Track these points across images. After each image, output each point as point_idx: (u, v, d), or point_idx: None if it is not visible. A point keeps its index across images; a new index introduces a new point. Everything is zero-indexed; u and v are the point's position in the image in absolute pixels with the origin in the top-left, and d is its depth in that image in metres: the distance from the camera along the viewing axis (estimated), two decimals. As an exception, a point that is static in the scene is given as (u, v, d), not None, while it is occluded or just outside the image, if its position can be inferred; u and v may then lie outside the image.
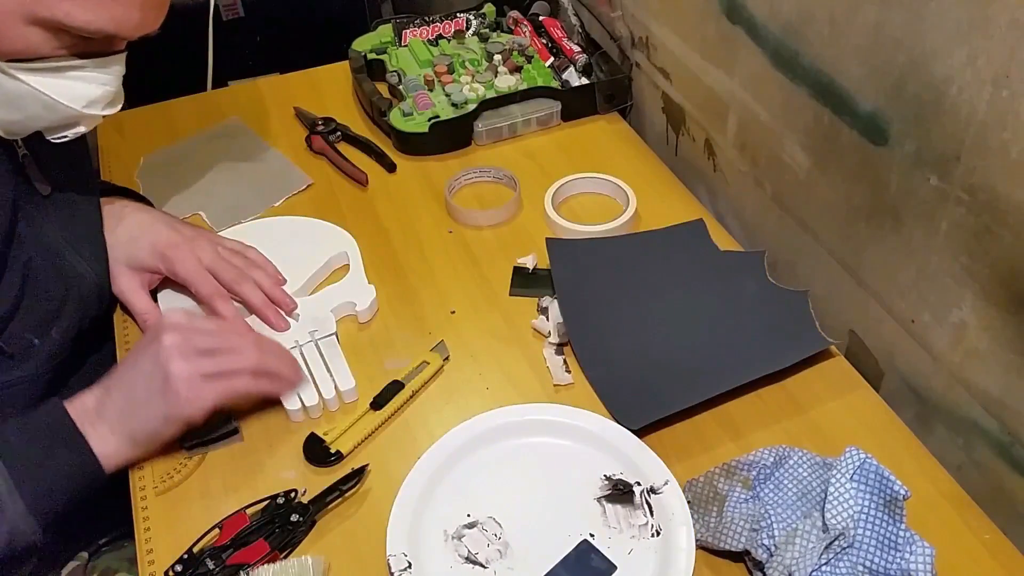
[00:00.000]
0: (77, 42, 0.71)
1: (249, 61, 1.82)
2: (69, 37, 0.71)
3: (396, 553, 0.68)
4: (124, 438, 0.73)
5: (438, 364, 0.85)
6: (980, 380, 0.73)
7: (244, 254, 0.92)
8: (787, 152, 0.90)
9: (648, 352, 0.85)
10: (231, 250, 0.91)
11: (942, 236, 0.73)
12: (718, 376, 0.81)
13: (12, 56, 0.70)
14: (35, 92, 0.71)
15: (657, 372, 0.83)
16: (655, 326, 0.87)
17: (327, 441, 0.78)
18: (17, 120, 0.74)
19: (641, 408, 0.78)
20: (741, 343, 0.85)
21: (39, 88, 0.71)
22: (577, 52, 1.18)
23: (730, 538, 0.68)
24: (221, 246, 0.91)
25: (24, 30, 0.69)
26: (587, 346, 0.85)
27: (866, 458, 0.69)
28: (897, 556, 0.65)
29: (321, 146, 1.13)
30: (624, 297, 0.90)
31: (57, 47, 0.71)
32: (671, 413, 0.78)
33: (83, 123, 0.77)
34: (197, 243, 0.89)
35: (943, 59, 0.67)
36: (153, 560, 0.71)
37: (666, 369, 0.83)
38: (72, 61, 0.72)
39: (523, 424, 0.77)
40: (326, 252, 0.96)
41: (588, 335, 0.86)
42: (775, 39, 0.86)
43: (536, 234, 0.99)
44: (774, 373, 0.82)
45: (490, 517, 0.72)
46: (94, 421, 0.73)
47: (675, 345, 0.85)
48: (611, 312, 0.88)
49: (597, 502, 0.72)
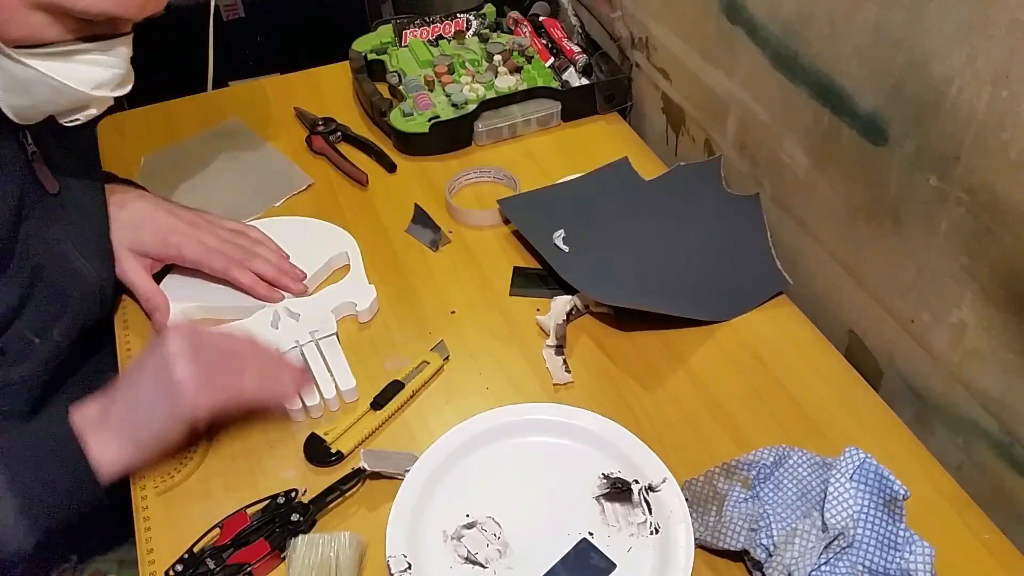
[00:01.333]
0: (82, 25, 0.72)
1: (249, 61, 1.82)
2: (73, 21, 0.71)
3: (396, 554, 0.68)
4: (128, 443, 0.73)
5: (438, 364, 0.85)
6: (980, 380, 0.73)
7: (246, 233, 0.95)
8: (787, 152, 0.90)
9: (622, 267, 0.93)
10: (232, 231, 0.94)
11: (942, 236, 0.73)
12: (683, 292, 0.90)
13: (18, 42, 0.70)
14: (43, 77, 0.72)
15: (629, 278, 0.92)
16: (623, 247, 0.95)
17: (327, 441, 0.78)
18: (28, 105, 0.74)
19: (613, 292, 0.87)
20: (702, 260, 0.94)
21: (46, 72, 0.72)
22: (577, 52, 1.18)
23: (729, 537, 0.68)
24: (222, 228, 0.93)
25: (28, 15, 0.69)
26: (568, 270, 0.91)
27: (866, 458, 0.69)
28: (897, 556, 0.65)
29: (321, 146, 1.13)
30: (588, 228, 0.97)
31: (62, 31, 0.71)
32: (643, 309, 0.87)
33: (94, 105, 0.77)
34: (200, 227, 0.91)
35: (943, 59, 0.67)
36: (153, 560, 0.71)
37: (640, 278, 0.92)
38: (78, 45, 0.72)
39: (521, 424, 0.77)
40: (326, 252, 0.96)
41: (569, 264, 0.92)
42: (775, 39, 0.86)
43: (536, 234, 0.99)
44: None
45: (489, 517, 0.72)
46: (97, 428, 0.72)
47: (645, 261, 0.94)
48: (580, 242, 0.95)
49: (596, 501, 0.72)
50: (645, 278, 0.92)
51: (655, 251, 0.95)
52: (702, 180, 1.02)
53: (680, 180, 1.03)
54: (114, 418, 0.73)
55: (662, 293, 0.90)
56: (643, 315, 0.87)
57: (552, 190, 1.03)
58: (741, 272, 0.93)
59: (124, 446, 0.72)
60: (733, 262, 0.94)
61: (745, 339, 0.87)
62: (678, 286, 0.91)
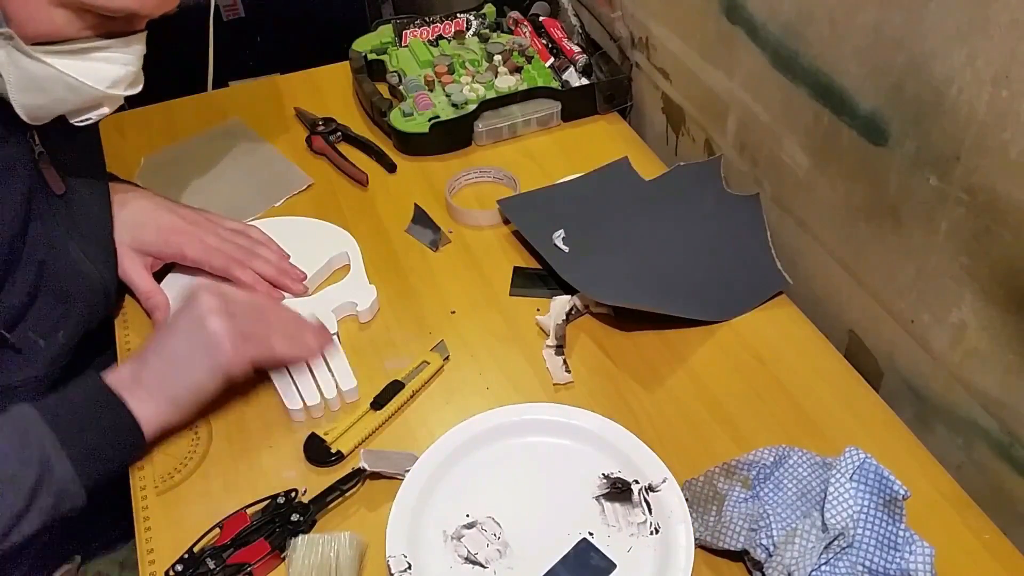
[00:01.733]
0: (100, 22, 0.73)
1: (249, 61, 1.82)
2: (93, 17, 0.72)
3: (396, 554, 0.68)
4: (164, 400, 0.75)
5: (438, 364, 0.85)
6: (980, 380, 0.73)
7: (246, 233, 0.95)
8: (787, 152, 0.90)
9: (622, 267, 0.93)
10: (233, 230, 0.94)
11: (942, 236, 0.73)
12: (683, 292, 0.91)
13: (38, 39, 0.71)
14: (60, 75, 0.73)
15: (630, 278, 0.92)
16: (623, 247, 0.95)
17: (327, 441, 0.78)
18: (42, 104, 0.75)
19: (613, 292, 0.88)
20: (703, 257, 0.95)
21: (64, 70, 0.73)
22: (577, 52, 1.18)
23: (729, 537, 0.68)
24: (222, 227, 0.93)
25: (50, 12, 0.70)
26: (568, 270, 0.91)
27: (866, 458, 0.69)
28: (897, 556, 0.65)
29: (321, 146, 1.13)
30: (588, 228, 0.97)
31: (81, 28, 0.72)
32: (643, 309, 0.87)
33: (106, 104, 0.78)
34: (201, 226, 0.92)
35: (943, 59, 0.67)
36: (153, 560, 0.71)
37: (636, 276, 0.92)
38: (96, 42, 0.73)
39: (522, 424, 0.77)
40: (327, 252, 0.96)
41: (568, 264, 0.92)
42: (775, 39, 0.86)
43: (536, 234, 0.99)
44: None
45: (489, 517, 0.72)
46: (131, 388, 0.74)
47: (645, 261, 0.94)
48: (580, 242, 0.95)
49: (596, 501, 0.72)
50: (645, 278, 0.92)
51: (655, 251, 0.95)
52: (702, 180, 1.02)
53: (680, 180, 1.03)
54: (149, 378, 0.75)
55: (662, 293, 0.90)
56: (643, 315, 0.87)
57: (552, 190, 1.03)
58: (741, 272, 0.93)
59: (161, 403, 0.75)
60: (733, 262, 0.94)
61: (745, 339, 0.87)
62: (678, 286, 0.91)
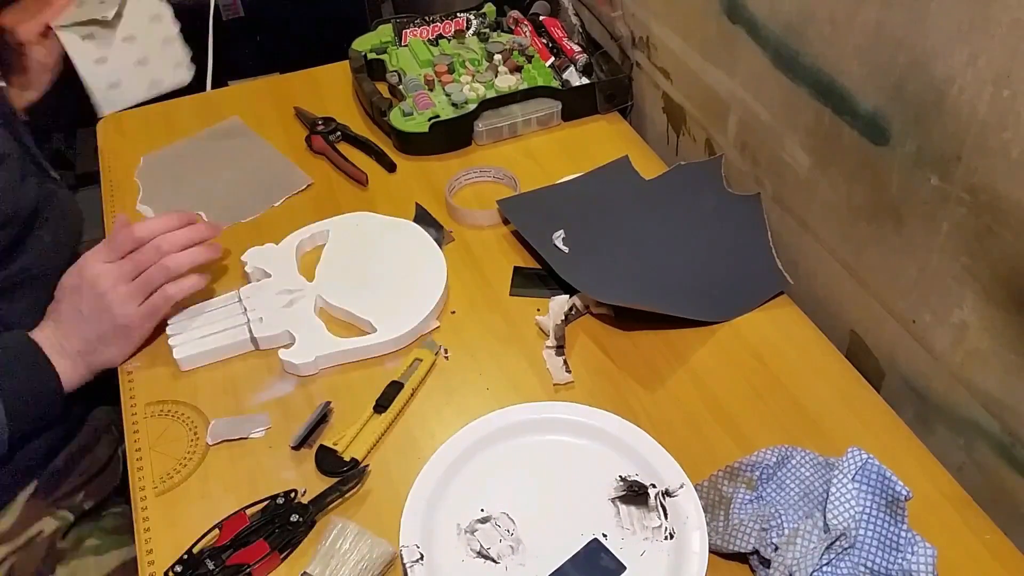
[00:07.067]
0: None
1: (249, 61, 1.82)
2: None
3: (409, 544, 0.68)
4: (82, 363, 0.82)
5: (431, 359, 0.85)
6: (981, 380, 0.73)
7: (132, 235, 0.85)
8: (788, 152, 0.90)
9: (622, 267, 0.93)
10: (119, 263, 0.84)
11: (943, 236, 0.72)
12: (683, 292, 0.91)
13: None
14: None
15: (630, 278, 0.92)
16: (624, 246, 0.95)
17: (339, 450, 0.77)
18: None
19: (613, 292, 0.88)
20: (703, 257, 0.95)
21: None
22: (577, 52, 1.18)
23: (740, 540, 0.67)
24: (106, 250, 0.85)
25: None
26: (568, 270, 0.91)
27: (868, 458, 0.68)
28: (899, 557, 0.65)
29: (321, 146, 1.12)
30: (588, 228, 0.97)
31: None
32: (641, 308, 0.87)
33: None
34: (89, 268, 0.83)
35: (944, 59, 0.67)
36: (153, 560, 0.71)
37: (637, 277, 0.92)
38: None
39: (540, 422, 0.77)
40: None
41: (568, 265, 0.92)
42: (776, 39, 0.86)
43: (536, 234, 0.99)
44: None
45: (503, 513, 0.72)
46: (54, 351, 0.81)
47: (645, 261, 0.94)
48: (580, 242, 0.95)
49: (611, 503, 0.72)
50: (645, 278, 0.91)
51: (655, 251, 0.94)
52: (703, 180, 1.02)
53: (681, 180, 1.03)
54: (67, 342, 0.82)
55: (662, 293, 0.90)
56: (643, 315, 0.87)
57: (552, 190, 1.03)
58: (742, 272, 0.93)
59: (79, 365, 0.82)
60: (734, 262, 0.93)
61: (746, 339, 0.87)
62: (679, 286, 0.91)
